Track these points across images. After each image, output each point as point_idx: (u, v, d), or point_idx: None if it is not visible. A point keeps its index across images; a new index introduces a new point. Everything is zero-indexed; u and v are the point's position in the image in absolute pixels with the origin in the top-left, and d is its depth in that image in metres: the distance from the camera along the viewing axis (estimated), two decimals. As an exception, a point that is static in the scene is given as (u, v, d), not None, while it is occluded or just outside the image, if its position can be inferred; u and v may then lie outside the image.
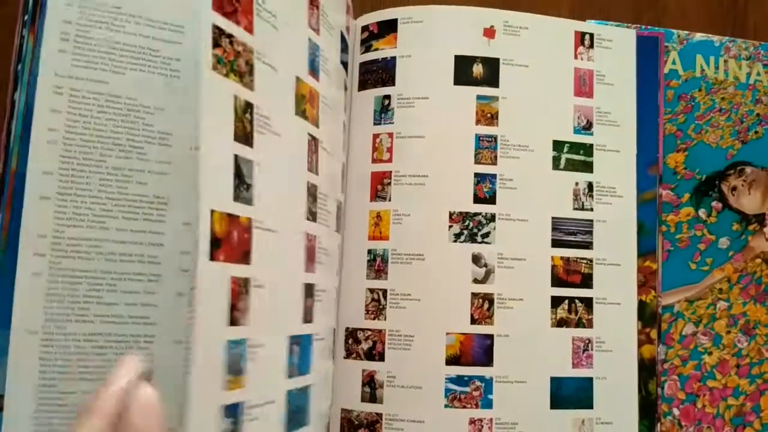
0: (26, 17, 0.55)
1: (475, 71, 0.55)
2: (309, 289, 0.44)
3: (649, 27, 0.60)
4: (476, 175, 0.54)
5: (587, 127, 0.57)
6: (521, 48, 0.56)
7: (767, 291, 0.58)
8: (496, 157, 0.55)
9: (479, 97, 0.55)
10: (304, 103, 0.44)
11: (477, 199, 0.54)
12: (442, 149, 0.54)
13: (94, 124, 0.44)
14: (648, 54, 0.59)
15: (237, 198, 0.36)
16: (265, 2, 0.40)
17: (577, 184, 0.56)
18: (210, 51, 0.35)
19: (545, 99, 0.56)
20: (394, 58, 0.56)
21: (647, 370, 0.55)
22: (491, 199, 0.54)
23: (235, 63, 0.37)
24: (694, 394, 0.56)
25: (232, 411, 0.35)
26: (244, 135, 0.37)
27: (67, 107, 0.44)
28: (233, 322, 0.36)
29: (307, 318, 0.44)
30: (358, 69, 0.57)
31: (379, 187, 0.55)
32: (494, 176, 0.54)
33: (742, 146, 0.59)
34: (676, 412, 0.56)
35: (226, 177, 0.36)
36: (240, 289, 0.36)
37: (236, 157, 0.37)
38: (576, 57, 0.57)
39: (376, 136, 0.55)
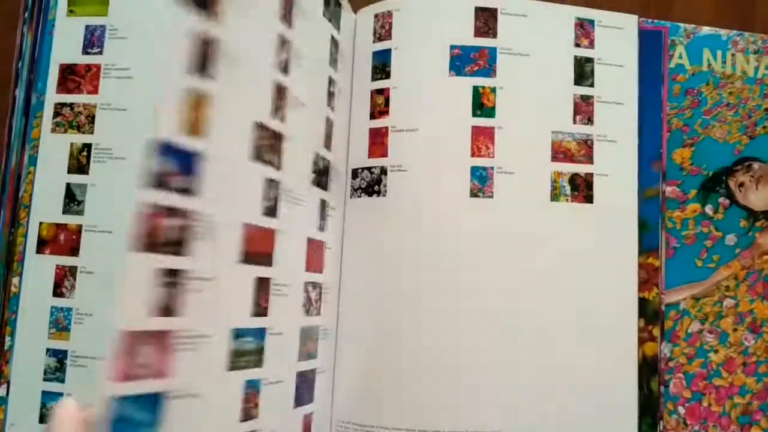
0: (26, 14, 0.56)
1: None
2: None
3: (655, 21, 0.59)
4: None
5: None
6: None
7: (775, 288, 0.57)
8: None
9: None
10: None
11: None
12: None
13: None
14: (652, 48, 0.58)
15: (67, 212, 0.53)
16: (116, 64, 0.54)
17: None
18: (50, 121, 0.54)
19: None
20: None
21: (650, 368, 0.54)
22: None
23: (74, 121, 0.54)
24: (699, 392, 0.55)
25: (56, 354, 0.51)
26: (79, 167, 0.53)
27: None
28: (59, 295, 0.52)
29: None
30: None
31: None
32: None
33: (749, 141, 0.58)
34: (681, 410, 0.54)
35: (57, 199, 0.53)
36: (65, 273, 0.52)
37: (68, 184, 0.53)
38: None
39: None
